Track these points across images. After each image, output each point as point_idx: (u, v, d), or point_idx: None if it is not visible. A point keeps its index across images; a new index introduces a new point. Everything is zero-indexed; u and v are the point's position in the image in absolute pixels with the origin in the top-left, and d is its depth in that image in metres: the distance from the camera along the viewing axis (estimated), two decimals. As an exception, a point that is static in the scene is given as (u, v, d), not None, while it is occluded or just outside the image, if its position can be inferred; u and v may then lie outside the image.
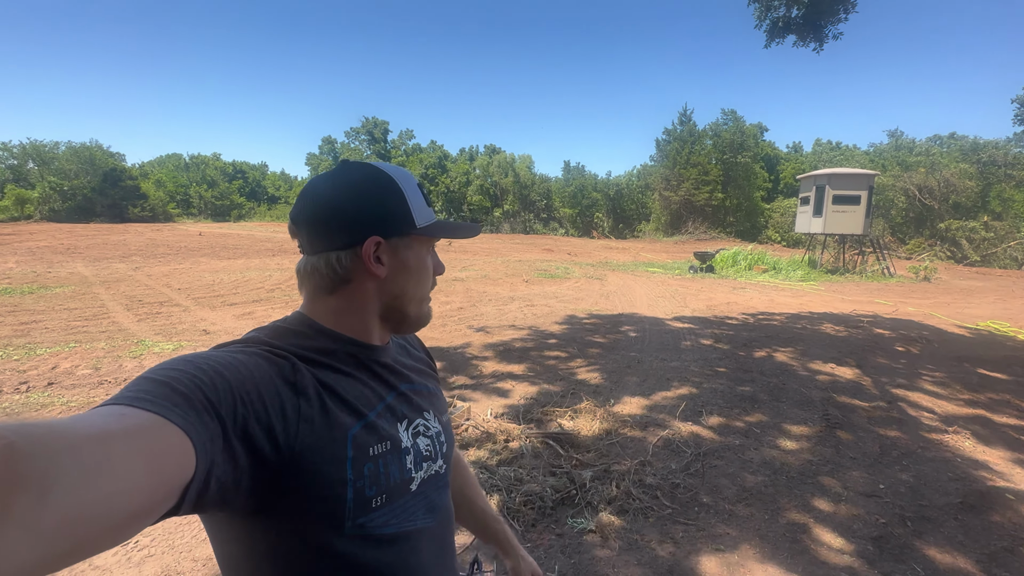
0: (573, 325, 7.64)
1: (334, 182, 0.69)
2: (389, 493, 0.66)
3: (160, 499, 0.43)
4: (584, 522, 2.55)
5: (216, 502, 0.51)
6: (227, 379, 0.54)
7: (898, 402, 4.68)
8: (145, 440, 0.43)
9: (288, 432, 0.57)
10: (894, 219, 31.58)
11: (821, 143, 50.90)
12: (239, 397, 0.53)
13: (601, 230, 42.29)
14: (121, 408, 0.45)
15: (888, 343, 7.05)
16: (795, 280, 15.46)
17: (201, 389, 0.51)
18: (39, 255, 15.13)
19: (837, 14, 7.25)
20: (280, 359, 0.62)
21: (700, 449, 3.52)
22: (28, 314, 7.36)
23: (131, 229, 27.15)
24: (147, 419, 0.44)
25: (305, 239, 0.69)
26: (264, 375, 0.58)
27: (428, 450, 0.74)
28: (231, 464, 0.51)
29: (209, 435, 0.49)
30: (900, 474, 3.33)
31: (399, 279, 0.72)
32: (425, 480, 0.72)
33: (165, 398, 0.48)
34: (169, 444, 0.45)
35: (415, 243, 0.73)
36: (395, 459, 0.68)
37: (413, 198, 0.72)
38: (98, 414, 0.43)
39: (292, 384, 0.60)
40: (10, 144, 41.92)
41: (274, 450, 0.55)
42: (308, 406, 0.60)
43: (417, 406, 0.76)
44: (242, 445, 0.52)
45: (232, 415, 0.52)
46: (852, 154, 44.70)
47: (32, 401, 4.15)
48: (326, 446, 0.60)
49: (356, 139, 50.35)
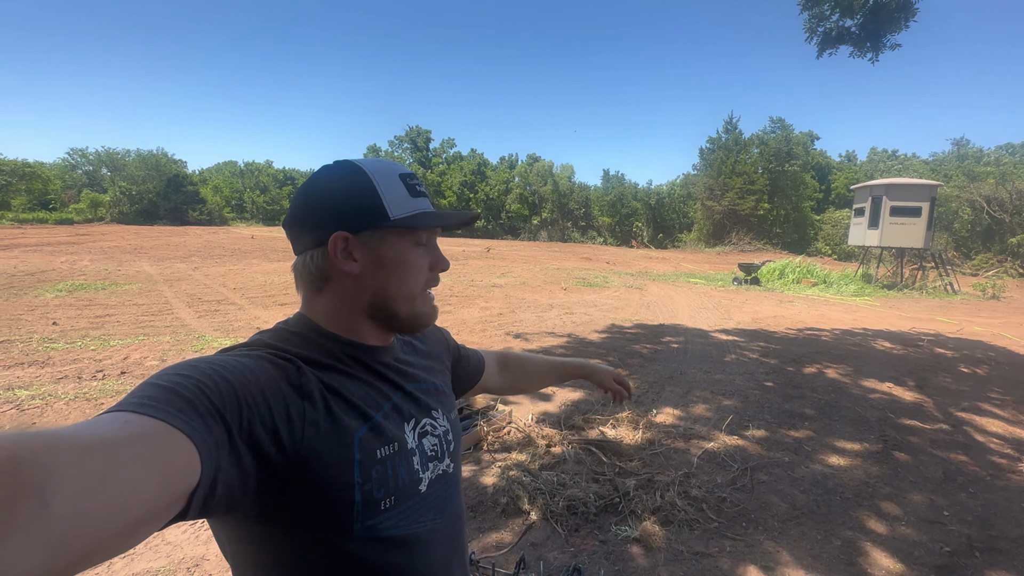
0: (613, 334, 7.58)
1: (308, 182, 0.69)
2: (398, 495, 0.65)
3: (165, 505, 0.43)
4: (628, 530, 2.54)
5: (223, 506, 0.51)
6: (232, 383, 0.53)
7: (963, 426, 4.40)
8: (149, 447, 0.42)
9: (294, 436, 0.57)
10: (958, 232, 29.65)
11: (877, 152, 48.51)
12: (244, 402, 0.53)
13: (640, 239, 41.68)
14: (125, 415, 0.45)
15: (951, 364, 6.63)
16: (847, 295, 14.75)
17: (206, 394, 0.50)
18: (110, 254, 16.31)
19: (898, 23, 6.94)
20: (285, 362, 0.61)
21: (747, 463, 3.42)
22: (102, 308, 7.96)
23: (190, 231, 28.86)
24: (151, 426, 0.44)
25: (291, 239, 0.71)
26: (269, 379, 0.58)
27: (434, 450, 0.74)
28: (237, 469, 0.51)
29: (214, 440, 0.49)
30: (967, 501, 3.13)
31: (377, 275, 0.69)
32: (433, 480, 0.72)
33: (170, 404, 0.47)
34: (174, 451, 0.44)
35: (390, 236, 0.69)
36: (403, 460, 0.67)
37: (389, 190, 0.68)
38: (102, 421, 0.43)
39: (297, 388, 0.60)
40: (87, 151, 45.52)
41: (280, 454, 0.55)
42: (313, 410, 0.60)
43: (425, 405, 0.76)
44: (248, 449, 0.52)
45: (237, 420, 0.52)
46: (911, 163, 42.38)
47: (107, 388, 4.49)
48: (332, 449, 0.60)
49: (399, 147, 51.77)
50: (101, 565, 2.30)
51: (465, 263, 18.51)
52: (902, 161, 43.91)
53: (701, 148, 40.79)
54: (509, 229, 43.83)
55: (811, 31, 7.67)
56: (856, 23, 7.16)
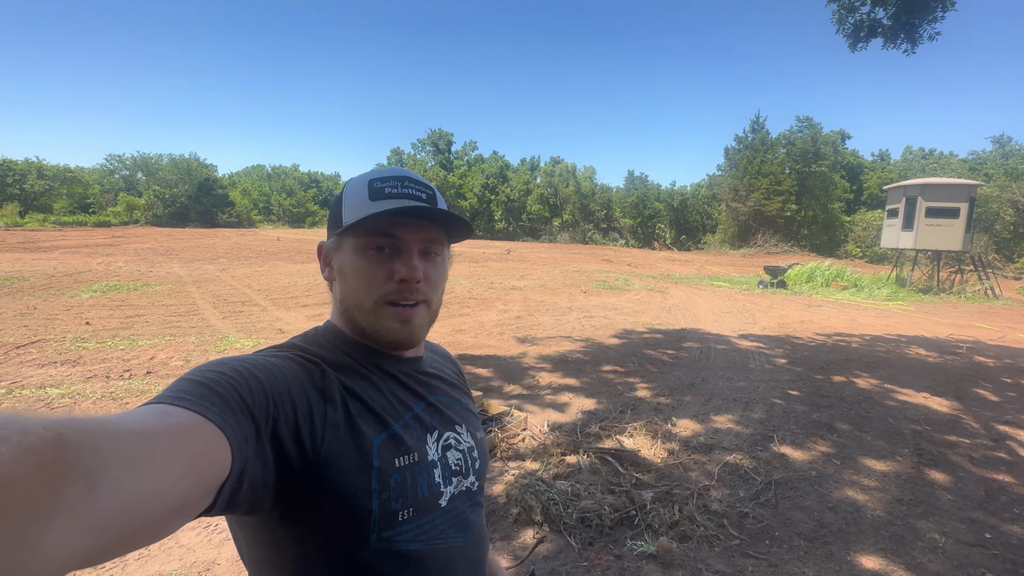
0: (632, 339, 7.44)
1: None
2: (416, 507, 0.64)
3: (198, 496, 0.44)
4: (644, 545, 2.45)
5: (247, 503, 0.52)
6: (260, 381, 0.55)
7: (1006, 440, 4.15)
8: (186, 438, 0.44)
9: (315, 437, 0.57)
10: (1000, 234, 28.27)
11: (912, 151, 46.74)
12: (271, 399, 0.55)
13: (663, 241, 41.08)
14: (164, 407, 0.47)
15: (993, 373, 6.29)
16: (879, 299, 14.20)
17: (237, 390, 0.52)
18: (143, 255, 16.87)
19: (933, 12, 6.57)
20: (311, 364, 0.63)
21: (771, 478, 3.29)
22: (132, 308, 8.21)
23: (219, 234, 29.69)
24: (188, 418, 0.46)
25: None
26: (295, 379, 0.59)
27: (458, 464, 0.72)
28: (262, 465, 0.52)
29: (244, 435, 0.50)
30: (1011, 524, 2.93)
31: (339, 283, 0.71)
32: (456, 496, 0.70)
33: (204, 398, 0.49)
34: (208, 442, 0.46)
35: (344, 242, 0.70)
36: (422, 472, 0.66)
37: (351, 196, 0.69)
38: (142, 412, 0.45)
39: (321, 390, 0.61)
40: (124, 157, 47.31)
41: (300, 454, 0.56)
42: (334, 412, 0.60)
43: (448, 419, 0.74)
44: (271, 446, 0.53)
45: (264, 416, 0.53)
46: (948, 162, 40.69)
47: (133, 387, 4.60)
48: (350, 454, 0.60)
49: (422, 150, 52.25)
50: (116, 564, 2.32)
51: (485, 265, 18.52)
52: (938, 160, 42.17)
53: (726, 148, 40.00)
54: (530, 231, 43.73)
55: (840, 22, 7.36)
56: (888, 13, 6.84)
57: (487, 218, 44.17)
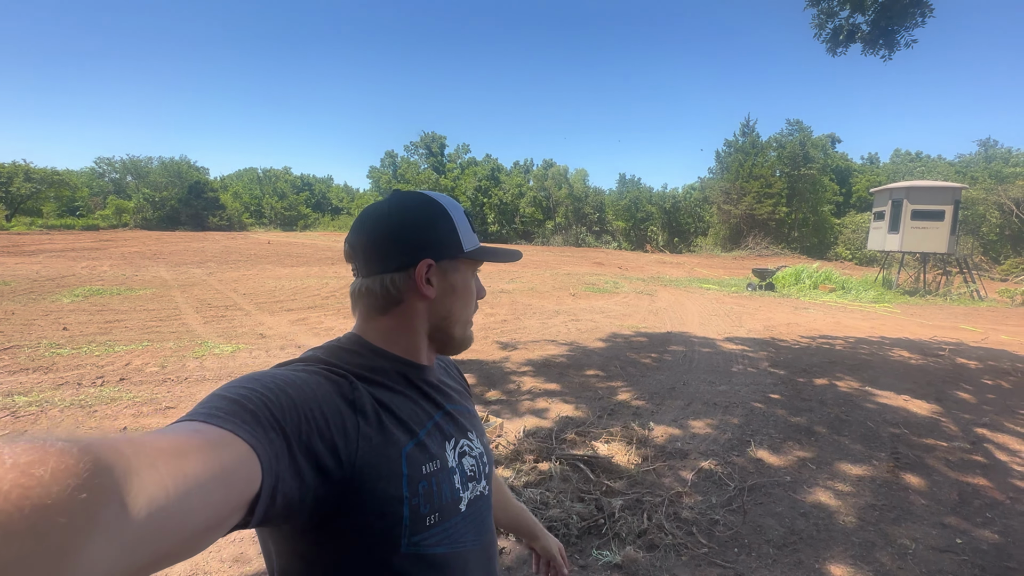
0: (617, 342, 7.42)
1: (389, 209, 0.74)
2: (442, 512, 0.67)
3: (229, 513, 0.45)
4: (610, 555, 2.41)
5: (281, 517, 0.52)
6: (292, 397, 0.56)
7: (983, 443, 4.16)
8: (218, 455, 0.44)
9: (349, 449, 0.59)
10: (986, 236, 28.62)
11: (900, 153, 47.25)
12: (303, 415, 0.55)
13: (655, 244, 41.22)
14: (196, 424, 0.47)
15: (974, 375, 6.33)
16: (866, 301, 14.29)
17: (268, 407, 0.53)
18: (130, 259, 16.69)
19: (912, 19, 6.63)
20: (339, 377, 0.64)
21: (745, 483, 3.26)
22: (113, 313, 8.09)
23: (210, 237, 29.43)
24: (219, 435, 0.46)
25: (362, 262, 0.74)
26: (325, 393, 0.60)
27: (473, 470, 0.76)
28: (297, 480, 0.53)
29: (275, 452, 0.50)
30: (982, 528, 2.93)
31: (447, 300, 0.76)
32: (472, 501, 0.73)
33: (235, 415, 0.50)
34: (238, 460, 0.46)
35: (462, 266, 0.77)
36: (445, 478, 0.69)
37: (461, 224, 0.77)
38: (174, 430, 0.45)
39: (351, 402, 0.62)
40: (113, 160, 46.87)
41: (337, 466, 0.57)
42: (366, 424, 0.62)
43: (462, 426, 0.78)
44: (307, 462, 0.54)
45: (297, 432, 0.54)
46: (935, 165, 41.16)
47: (104, 395, 4.52)
48: (383, 463, 0.62)
49: (415, 153, 52.16)
50: None
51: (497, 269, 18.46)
52: (926, 163, 42.64)
53: (717, 151, 40.23)
54: (523, 234, 43.73)
55: (820, 27, 7.40)
56: (867, 19, 6.88)
57: (480, 221, 44.13)
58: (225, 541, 2.54)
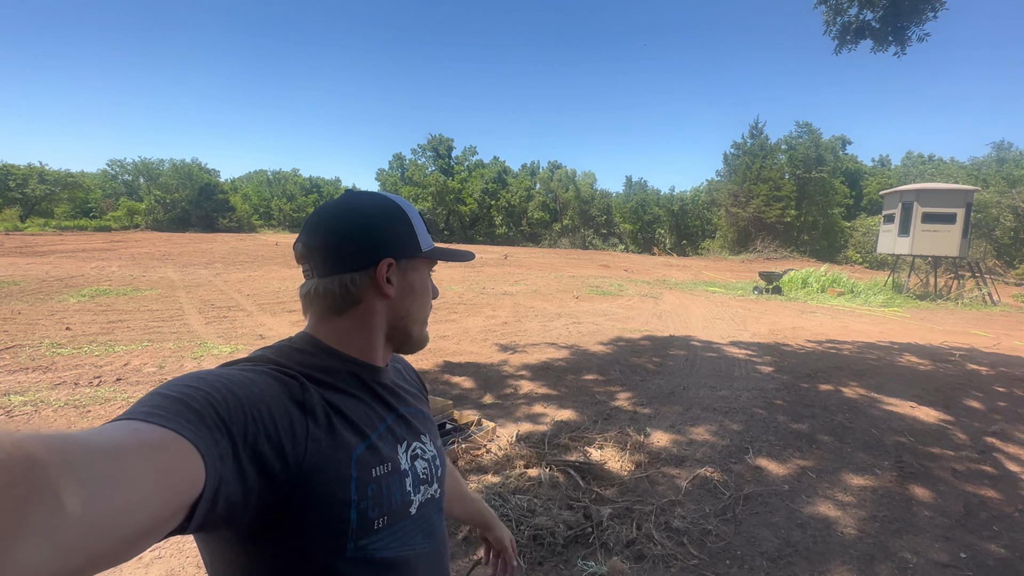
0: (619, 346, 7.33)
1: (347, 209, 0.73)
2: (391, 515, 0.66)
3: (169, 515, 0.43)
4: (595, 566, 2.34)
5: (222, 521, 0.50)
6: (239, 397, 0.54)
7: (992, 453, 4.03)
8: (158, 455, 0.43)
9: (297, 451, 0.57)
10: (999, 240, 28.08)
11: (912, 156, 46.60)
12: (250, 415, 0.54)
13: (662, 247, 40.99)
14: (135, 423, 0.45)
15: (985, 382, 6.16)
16: (875, 305, 14.06)
17: (213, 406, 0.51)
18: (138, 260, 16.86)
19: (923, 14, 6.49)
20: (289, 378, 0.62)
21: (741, 492, 3.17)
22: (117, 314, 8.14)
23: (219, 238, 29.70)
24: (160, 435, 0.45)
25: (319, 262, 0.71)
26: (274, 394, 0.58)
27: (425, 473, 0.75)
28: (240, 483, 0.51)
29: (219, 452, 0.49)
30: (989, 542, 2.81)
31: (406, 300, 0.75)
32: (423, 504, 0.73)
33: (178, 414, 0.48)
34: (181, 460, 0.45)
35: (420, 266, 0.78)
36: (396, 481, 0.68)
37: (418, 224, 0.77)
38: (112, 428, 0.43)
39: (301, 403, 0.61)
40: (125, 162, 47.51)
41: (283, 469, 0.55)
42: (316, 426, 0.60)
43: (415, 429, 0.77)
44: (252, 464, 0.52)
45: (243, 433, 0.52)
46: (948, 168, 40.52)
47: (99, 395, 4.52)
48: (331, 466, 0.60)
49: (422, 155, 52.33)
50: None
51: (480, 270, 18.43)
52: (938, 165, 42.00)
53: (725, 154, 39.94)
54: (530, 236, 43.68)
55: (829, 23, 7.29)
56: (876, 15, 6.76)
57: (487, 223, 44.18)
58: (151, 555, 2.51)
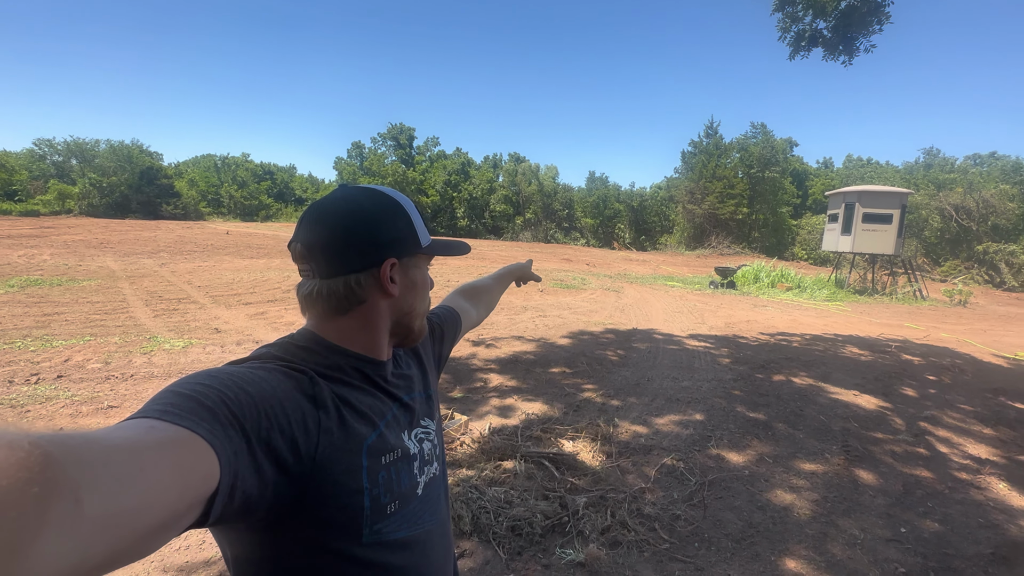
0: (584, 339, 7.47)
1: (346, 206, 0.71)
2: (401, 499, 0.69)
3: (185, 510, 0.44)
4: (573, 553, 2.40)
5: (239, 514, 0.52)
6: (251, 394, 0.55)
7: (925, 436, 4.39)
8: (174, 452, 0.44)
9: (310, 444, 0.59)
10: (928, 239, 30.39)
11: (852, 159, 49.60)
12: (263, 411, 0.55)
13: (622, 241, 41.88)
14: (150, 421, 0.46)
15: (917, 371, 6.68)
16: (820, 300, 14.94)
17: (226, 404, 0.52)
18: (73, 248, 15.66)
19: (870, 26, 6.95)
20: (298, 373, 0.64)
21: (706, 478, 3.33)
22: (52, 306, 7.56)
23: (163, 226, 27.98)
24: (175, 432, 0.46)
25: (321, 263, 0.69)
26: (285, 389, 0.60)
27: (430, 454, 0.79)
28: (256, 477, 0.52)
29: (233, 449, 0.50)
30: (924, 518, 3.08)
31: (408, 296, 0.77)
32: (427, 483, 0.76)
33: (192, 412, 0.49)
34: (196, 457, 0.46)
35: (420, 261, 0.79)
36: (405, 466, 0.71)
37: (416, 219, 0.77)
38: (128, 426, 0.44)
39: (312, 397, 0.62)
40: (55, 141, 43.85)
41: (297, 462, 0.57)
42: (327, 418, 0.62)
43: (418, 414, 0.80)
44: (267, 458, 0.54)
45: (256, 429, 0.53)
46: (884, 171, 43.42)
47: (39, 393, 4.20)
48: (344, 457, 0.62)
49: (383, 144, 51.02)
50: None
51: (443, 264, 18.25)
52: (876, 169, 44.92)
53: (683, 151, 41.13)
54: (492, 229, 43.56)
55: (784, 31, 7.67)
56: (829, 25, 7.17)
57: (449, 215, 43.72)
58: (169, 549, 2.39)
